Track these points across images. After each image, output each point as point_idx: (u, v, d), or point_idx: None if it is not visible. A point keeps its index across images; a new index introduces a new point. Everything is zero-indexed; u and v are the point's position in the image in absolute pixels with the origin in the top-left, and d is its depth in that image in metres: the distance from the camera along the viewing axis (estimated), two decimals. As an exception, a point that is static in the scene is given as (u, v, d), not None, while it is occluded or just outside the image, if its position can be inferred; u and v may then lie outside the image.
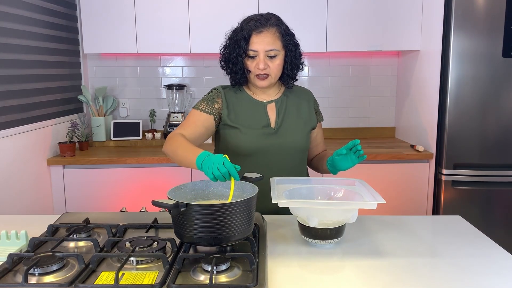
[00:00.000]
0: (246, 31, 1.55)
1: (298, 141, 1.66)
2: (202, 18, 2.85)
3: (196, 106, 1.65)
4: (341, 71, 3.32)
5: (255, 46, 1.55)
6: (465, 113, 2.58)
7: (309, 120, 1.72)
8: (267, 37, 1.55)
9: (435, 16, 2.66)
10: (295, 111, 1.70)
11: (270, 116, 1.66)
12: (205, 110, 1.63)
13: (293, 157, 1.66)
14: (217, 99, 1.65)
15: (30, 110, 2.50)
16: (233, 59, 1.59)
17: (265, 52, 1.55)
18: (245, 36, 1.54)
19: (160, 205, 1.12)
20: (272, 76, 1.60)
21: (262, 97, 1.68)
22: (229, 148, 1.64)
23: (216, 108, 1.64)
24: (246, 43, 1.55)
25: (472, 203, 2.64)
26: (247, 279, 1.05)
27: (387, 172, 2.75)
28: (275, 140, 1.63)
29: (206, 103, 1.64)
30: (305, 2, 2.82)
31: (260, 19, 1.56)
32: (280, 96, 1.70)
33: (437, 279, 1.10)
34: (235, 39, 1.58)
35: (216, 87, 1.70)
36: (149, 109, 3.28)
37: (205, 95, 1.69)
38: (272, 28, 1.56)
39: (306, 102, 1.74)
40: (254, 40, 1.55)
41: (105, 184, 2.68)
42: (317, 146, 1.81)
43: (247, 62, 1.58)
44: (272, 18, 1.58)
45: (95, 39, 2.86)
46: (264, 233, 1.33)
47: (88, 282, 1.03)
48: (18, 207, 2.35)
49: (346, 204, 1.27)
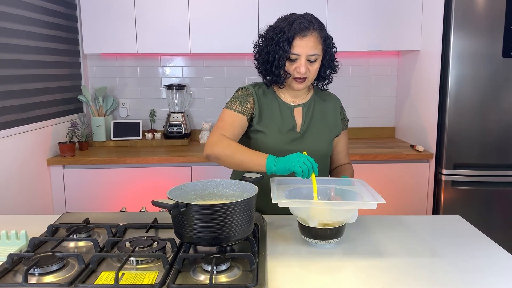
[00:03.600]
0: (289, 33, 1.51)
1: (321, 147, 1.65)
2: (202, 18, 2.85)
3: (229, 106, 1.63)
4: (341, 71, 3.29)
5: (298, 50, 1.52)
6: (465, 113, 2.58)
7: (334, 127, 1.70)
8: (311, 41, 1.52)
9: (435, 16, 2.66)
10: (321, 116, 1.68)
11: (297, 120, 1.65)
12: (239, 111, 1.61)
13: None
14: (249, 99, 1.63)
15: (30, 110, 2.50)
16: (274, 61, 1.55)
17: (307, 56, 1.53)
18: (288, 38, 1.51)
19: (160, 205, 1.12)
20: (309, 79, 1.58)
21: (290, 100, 1.67)
22: (253, 147, 1.63)
23: (248, 108, 1.62)
24: (289, 46, 1.51)
25: (472, 203, 2.64)
26: (247, 279, 1.05)
27: (387, 172, 2.75)
28: (299, 145, 1.62)
29: (239, 103, 1.62)
30: (305, 2, 2.82)
31: (303, 21, 1.52)
32: (308, 100, 1.68)
33: (437, 279, 1.10)
34: (276, 40, 1.53)
35: (247, 86, 1.68)
36: (149, 109, 3.28)
37: (236, 93, 1.67)
38: (315, 32, 1.53)
39: (333, 109, 1.72)
40: (298, 44, 1.51)
41: (105, 184, 2.68)
42: (338, 155, 1.78)
43: (286, 64, 1.55)
44: (313, 20, 1.54)
45: (95, 39, 2.86)
46: (264, 233, 1.33)
47: (88, 282, 1.03)
48: (18, 207, 2.35)
49: (346, 204, 1.27)
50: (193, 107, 3.32)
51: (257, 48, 1.62)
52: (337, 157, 1.79)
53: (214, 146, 1.50)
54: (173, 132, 3.11)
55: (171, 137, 3.11)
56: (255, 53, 1.64)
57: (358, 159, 2.70)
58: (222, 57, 3.25)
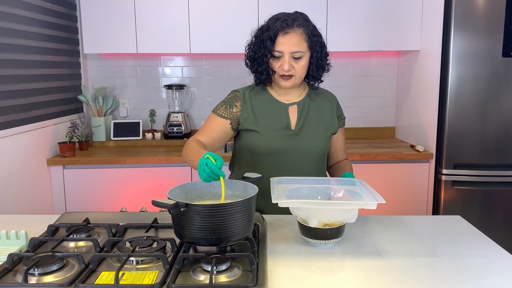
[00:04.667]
0: (272, 31, 1.52)
1: (317, 144, 1.65)
2: (202, 18, 2.85)
3: (215, 110, 1.65)
4: (341, 71, 3.32)
5: (280, 47, 1.53)
6: (465, 113, 2.58)
7: (330, 125, 1.70)
8: (293, 38, 1.52)
9: (435, 16, 2.66)
10: (317, 114, 1.68)
11: (291, 118, 1.65)
12: (222, 115, 1.63)
13: (312, 160, 1.65)
14: (236, 103, 1.65)
15: (30, 110, 2.50)
16: (258, 59, 1.57)
17: (290, 53, 1.53)
18: (271, 36, 1.52)
19: (160, 205, 1.12)
20: (297, 77, 1.58)
21: (285, 98, 1.67)
22: (248, 147, 1.64)
23: (234, 112, 1.63)
24: (271, 43, 1.53)
25: (472, 203, 2.64)
26: (247, 279, 1.05)
27: (387, 172, 2.75)
28: (294, 142, 1.62)
29: (224, 107, 1.64)
30: (305, 2, 2.82)
31: (287, 19, 1.53)
32: (303, 98, 1.68)
33: (437, 279, 1.10)
34: (261, 38, 1.55)
35: (237, 89, 1.69)
36: (149, 109, 3.28)
37: (226, 97, 1.69)
38: (298, 29, 1.53)
39: (329, 106, 1.72)
40: (280, 41, 1.52)
41: (105, 184, 2.68)
42: (336, 152, 1.79)
43: (272, 62, 1.57)
44: (299, 18, 1.55)
45: (95, 39, 2.86)
46: (264, 233, 1.33)
47: (88, 282, 1.03)
48: (18, 207, 2.35)
49: (346, 204, 1.27)
50: (193, 107, 3.32)
51: (247, 47, 1.64)
52: (335, 155, 1.80)
53: (183, 149, 1.58)
54: (173, 132, 3.11)
55: (171, 137, 3.11)
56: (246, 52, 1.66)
57: (358, 159, 2.70)
58: (222, 57, 3.25)
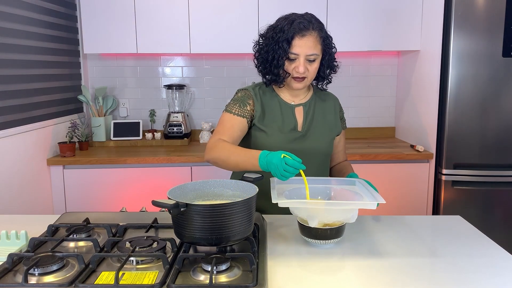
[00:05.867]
0: (289, 33, 1.51)
1: (323, 146, 1.66)
2: (202, 18, 2.85)
3: (228, 109, 1.64)
4: (341, 71, 3.29)
5: (296, 50, 1.52)
6: (465, 113, 2.58)
7: (334, 126, 1.71)
8: (310, 41, 1.52)
9: (435, 16, 2.66)
10: (322, 115, 1.69)
11: (298, 119, 1.65)
12: (238, 114, 1.62)
13: (317, 161, 1.66)
14: (248, 101, 1.64)
15: (30, 110, 2.50)
16: (273, 60, 1.55)
17: (305, 56, 1.53)
18: (288, 38, 1.51)
19: (160, 205, 1.12)
20: (309, 78, 1.59)
21: (291, 99, 1.67)
22: (255, 148, 1.63)
23: (248, 110, 1.63)
24: (288, 45, 1.52)
25: (472, 203, 2.64)
26: (247, 279, 1.05)
27: (387, 172, 2.75)
28: (301, 144, 1.63)
29: (238, 105, 1.63)
30: (305, 2, 2.82)
31: (303, 21, 1.52)
32: (308, 100, 1.69)
33: (437, 279, 1.10)
34: (276, 40, 1.54)
35: (245, 88, 1.69)
36: (149, 109, 3.28)
37: (235, 95, 1.68)
38: (314, 32, 1.53)
39: (333, 108, 1.73)
40: (297, 43, 1.52)
41: (105, 184, 2.68)
42: (338, 154, 1.80)
43: (285, 64, 1.56)
44: (313, 20, 1.55)
45: (95, 39, 2.86)
46: (264, 233, 1.33)
47: (88, 282, 1.03)
48: (18, 207, 2.35)
49: (346, 204, 1.27)
50: (193, 107, 3.32)
51: (257, 47, 1.63)
52: (337, 156, 1.81)
53: (211, 151, 1.52)
54: (173, 132, 3.11)
55: (171, 137, 3.11)
56: (255, 52, 1.64)
57: (358, 159, 2.70)
58: (222, 57, 3.25)
